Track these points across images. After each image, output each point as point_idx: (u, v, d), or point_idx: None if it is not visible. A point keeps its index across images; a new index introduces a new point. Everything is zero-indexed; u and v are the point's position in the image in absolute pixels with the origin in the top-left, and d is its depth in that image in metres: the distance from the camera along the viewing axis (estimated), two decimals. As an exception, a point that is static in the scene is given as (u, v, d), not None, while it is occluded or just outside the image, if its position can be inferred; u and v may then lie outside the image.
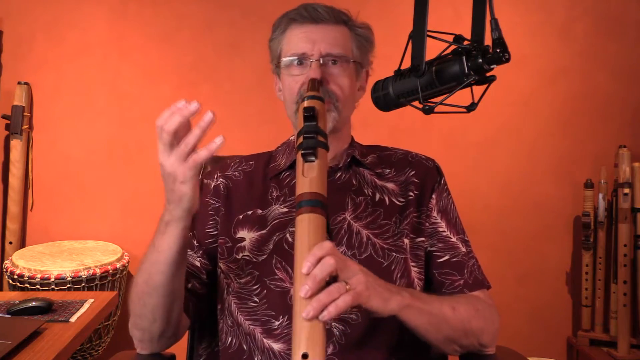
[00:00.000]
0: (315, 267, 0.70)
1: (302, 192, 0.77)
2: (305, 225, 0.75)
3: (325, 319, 0.68)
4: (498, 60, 0.74)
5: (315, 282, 0.70)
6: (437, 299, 0.93)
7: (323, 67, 1.00)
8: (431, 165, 1.11)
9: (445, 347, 0.93)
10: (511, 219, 2.37)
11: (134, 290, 0.94)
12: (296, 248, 0.74)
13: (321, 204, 0.76)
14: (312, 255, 0.71)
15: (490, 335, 0.97)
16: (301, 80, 1.01)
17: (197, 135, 0.77)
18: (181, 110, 0.78)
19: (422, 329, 0.87)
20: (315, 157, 0.80)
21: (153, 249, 0.88)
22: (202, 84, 2.36)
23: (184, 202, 0.81)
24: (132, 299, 0.94)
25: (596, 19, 2.31)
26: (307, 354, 0.65)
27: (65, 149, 2.36)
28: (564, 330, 2.39)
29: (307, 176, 0.79)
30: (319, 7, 1.02)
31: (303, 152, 0.80)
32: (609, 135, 2.31)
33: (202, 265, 1.05)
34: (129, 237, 2.34)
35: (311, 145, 0.81)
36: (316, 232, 0.74)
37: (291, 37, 1.03)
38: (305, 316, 0.67)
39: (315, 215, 0.75)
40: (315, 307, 0.68)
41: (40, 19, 2.33)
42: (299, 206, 0.76)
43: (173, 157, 0.78)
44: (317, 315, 0.68)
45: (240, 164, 1.13)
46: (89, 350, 2.02)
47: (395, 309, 0.81)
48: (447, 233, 1.04)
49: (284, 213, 1.03)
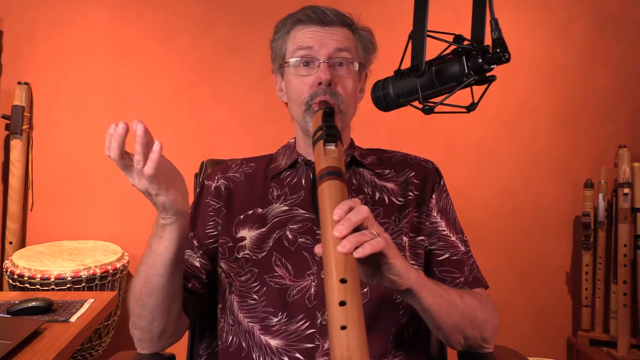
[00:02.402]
0: (349, 213, 0.72)
1: (324, 166, 0.80)
2: (329, 187, 0.76)
3: (360, 254, 0.69)
4: (498, 60, 0.75)
5: (350, 222, 0.71)
6: (446, 286, 0.93)
7: (330, 68, 1.01)
8: (431, 167, 1.12)
9: (452, 335, 0.92)
10: (511, 219, 2.37)
11: (132, 292, 0.95)
12: (321, 210, 0.75)
13: (341, 175, 0.79)
14: (344, 204, 0.73)
15: (491, 329, 0.97)
16: (310, 82, 1.01)
17: (140, 152, 0.79)
18: (113, 136, 0.79)
19: (434, 310, 0.86)
20: (335, 146, 0.84)
21: (150, 251, 0.90)
22: (202, 84, 2.36)
23: (168, 209, 0.84)
24: (131, 300, 0.95)
25: (595, 19, 2.31)
26: (346, 279, 0.66)
27: (65, 149, 2.36)
28: (564, 330, 2.39)
29: (328, 156, 0.82)
30: (326, 10, 1.03)
31: (325, 138, 0.84)
32: (609, 135, 2.32)
33: (202, 265, 1.06)
34: (129, 237, 2.34)
35: (332, 132, 0.85)
36: (341, 192, 0.76)
37: (297, 37, 1.04)
38: (341, 249, 0.68)
39: (339, 182, 0.77)
40: (352, 241, 0.69)
41: (40, 19, 2.33)
42: (320, 177, 0.78)
43: (135, 176, 0.81)
44: (352, 249, 0.69)
45: (241, 166, 1.14)
46: (89, 350, 2.02)
47: (414, 281, 0.81)
48: (447, 232, 1.06)
49: (284, 211, 1.04)
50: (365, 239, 0.70)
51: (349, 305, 0.64)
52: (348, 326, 0.63)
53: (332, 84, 1.00)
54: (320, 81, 1.00)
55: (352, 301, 0.65)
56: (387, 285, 0.80)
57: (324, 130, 0.86)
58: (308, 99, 1.01)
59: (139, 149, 0.78)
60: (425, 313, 0.87)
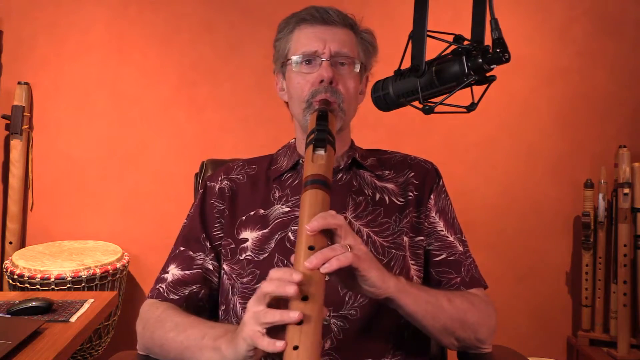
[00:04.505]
0: (320, 220, 0.73)
1: (309, 174, 0.81)
2: (309, 198, 0.77)
3: (326, 270, 0.70)
4: (498, 60, 0.75)
5: (320, 222, 0.72)
6: (434, 290, 0.94)
7: (332, 67, 1.01)
8: (430, 168, 1.13)
9: (443, 338, 0.93)
10: (511, 219, 2.37)
11: (159, 339, 0.93)
12: (300, 219, 0.76)
13: (325, 184, 0.79)
14: (320, 216, 0.74)
15: (487, 330, 0.97)
16: (311, 80, 1.02)
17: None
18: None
19: (419, 316, 0.87)
20: (325, 151, 0.84)
21: (213, 351, 0.82)
22: (201, 84, 2.36)
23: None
24: (154, 343, 0.94)
25: (595, 20, 2.31)
26: (308, 296, 0.67)
27: (65, 149, 2.36)
28: (564, 330, 2.39)
29: (315, 162, 0.83)
30: (330, 10, 1.04)
31: (314, 143, 0.85)
32: (609, 135, 2.31)
33: (214, 268, 1.06)
34: (129, 237, 2.34)
35: (322, 137, 0.85)
36: (322, 204, 0.77)
37: (301, 36, 1.04)
38: (308, 265, 0.69)
39: (321, 191, 0.78)
40: (319, 258, 0.70)
41: (40, 19, 2.33)
42: (305, 185, 0.79)
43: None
44: (319, 265, 0.70)
45: (244, 167, 1.14)
46: (89, 350, 2.02)
47: (393, 290, 0.82)
48: (445, 232, 1.06)
49: (286, 212, 1.04)
50: (333, 254, 0.71)
51: (305, 326, 0.64)
52: (300, 347, 0.62)
53: (333, 82, 1.00)
54: (322, 79, 1.00)
55: (309, 320, 0.64)
56: (367, 295, 0.81)
57: (315, 135, 0.86)
58: (309, 97, 1.01)
59: None
60: (410, 318, 0.88)
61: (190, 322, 0.91)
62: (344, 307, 0.93)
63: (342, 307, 0.93)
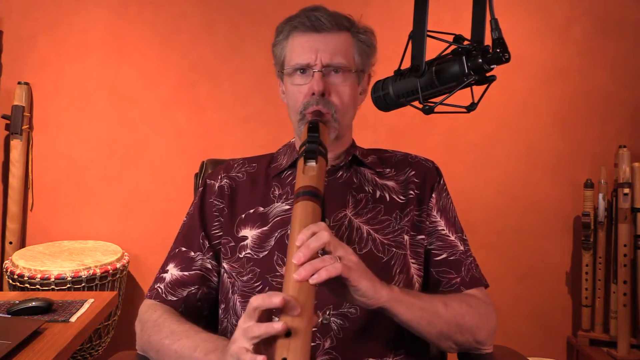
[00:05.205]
0: (310, 239, 0.73)
1: (301, 185, 0.83)
2: (301, 209, 0.79)
3: (315, 281, 0.70)
4: (498, 60, 0.75)
5: (308, 249, 0.72)
6: (429, 295, 0.94)
7: (325, 77, 1.01)
8: (431, 166, 1.13)
9: (441, 343, 0.94)
10: (511, 219, 2.37)
11: (156, 344, 0.93)
12: (291, 231, 0.77)
13: (317, 195, 0.81)
14: (307, 229, 0.74)
15: (486, 332, 0.97)
16: (304, 91, 1.02)
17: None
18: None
19: (414, 323, 0.88)
20: (316, 162, 0.86)
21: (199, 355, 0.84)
22: (201, 84, 2.36)
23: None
24: (151, 347, 0.95)
25: (595, 20, 2.31)
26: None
27: (65, 149, 2.36)
28: (564, 330, 2.39)
29: (306, 174, 0.84)
30: (321, 16, 1.01)
31: (305, 155, 0.86)
32: (609, 135, 2.31)
33: (213, 267, 1.06)
34: (129, 237, 2.34)
35: (313, 149, 0.87)
36: (313, 215, 0.78)
37: (294, 45, 1.03)
38: (297, 277, 0.70)
39: (311, 203, 0.79)
40: (308, 269, 0.70)
41: (40, 19, 2.33)
42: (296, 196, 0.81)
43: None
44: (308, 277, 0.70)
45: (244, 165, 1.14)
46: (89, 350, 2.02)
47: (385, 299, 0.82)
48: (446, 231, 1.06)
49: (286, 210, 1.04)
50: (322, 265, 0.72)
51: (293, 338, 0.64)
52: (288, 359, 0.63)
53: (325, 93, 1.00)
54: (313, 91, 1.00)
55: (297, 332, 0.65)
56: (359, 305, 0.82)
57: (306, 147, 0.88)
58: (302, 109, 1.01)
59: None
60: (405, 326, 0.89)
61: (185, 331, 0.90)
62: (343, 304, 0.93)
63: (342, 305, 0.93)
